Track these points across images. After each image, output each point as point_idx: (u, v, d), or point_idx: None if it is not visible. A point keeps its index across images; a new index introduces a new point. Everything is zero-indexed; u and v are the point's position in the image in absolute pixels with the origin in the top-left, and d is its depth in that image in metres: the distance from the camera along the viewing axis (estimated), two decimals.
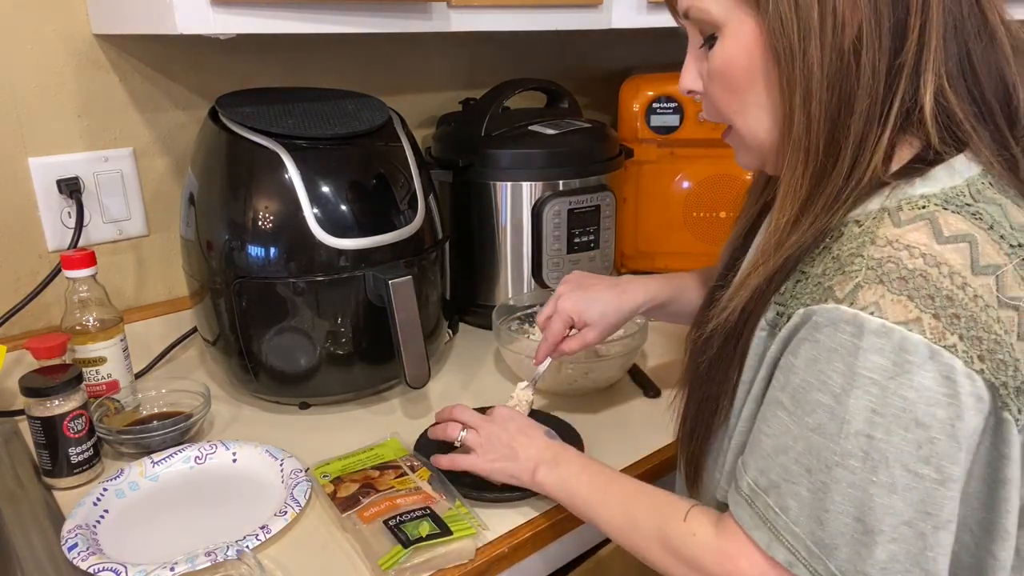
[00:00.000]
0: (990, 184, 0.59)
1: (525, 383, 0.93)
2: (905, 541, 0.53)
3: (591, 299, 0.91)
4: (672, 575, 0.65)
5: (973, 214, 0.56)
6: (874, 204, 0.59)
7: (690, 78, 0.67)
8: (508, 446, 0.79)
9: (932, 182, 0.58)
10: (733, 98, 0.63)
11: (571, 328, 0.93)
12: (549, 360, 0.93)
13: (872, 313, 0.52)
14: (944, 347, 0.51)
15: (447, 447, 0.84)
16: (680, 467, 0.76)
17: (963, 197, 0.57)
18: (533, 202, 1.21)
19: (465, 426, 0.83)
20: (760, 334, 0.63)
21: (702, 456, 0.70)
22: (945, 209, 0.56)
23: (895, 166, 0.60)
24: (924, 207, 0.57)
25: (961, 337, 0.51)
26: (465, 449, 0.82)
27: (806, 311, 0.56)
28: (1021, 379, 0.53)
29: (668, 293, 0.94)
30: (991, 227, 0.56)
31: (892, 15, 0.56)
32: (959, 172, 0.58)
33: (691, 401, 0.71)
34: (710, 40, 0.62)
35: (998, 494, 0.55)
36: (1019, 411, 0.53)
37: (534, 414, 0.92)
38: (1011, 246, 0.56)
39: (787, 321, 0.59)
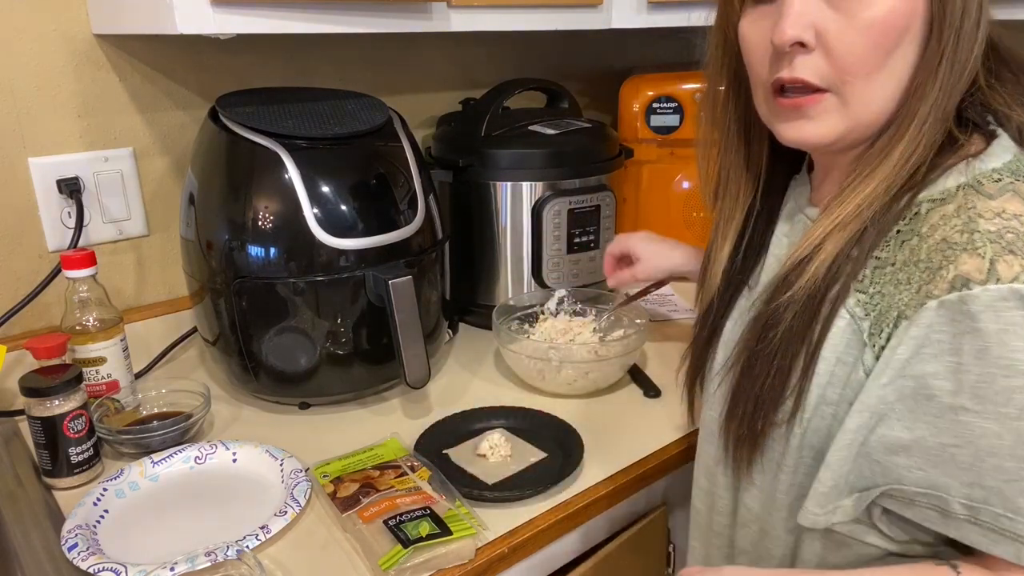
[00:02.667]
0: None
1: (498, 431, 0.93)
2: None
3: (648, 238, 1.10)
4: None
5: None
6: (950, 181, 0.58)
7: (802, 26, 0.58)
8: None
9: (994, 158, 0.59)
10: (876, 56, 0.58)
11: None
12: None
13: None
14: None
15: None
16: (717, 467, 0.72)
17: (1023, 168, 0.58)
18: (533, 202, 1.21)
19: None
20: (840, 323, 0.60)
21: (756, 442, 0.65)
22: (1018, 179, 0.57)
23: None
24: (999, 180, 0.57)
25: None
26: None
27: (941, 303, 0.54)
28: None
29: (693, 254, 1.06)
30: None
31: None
32: (1008, 148, 0.60)
33: (750, 378, 0.65)
34: None
35: None
36: None
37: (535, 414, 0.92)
38: None
39: (899, 318, 0.56)
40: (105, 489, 0.83)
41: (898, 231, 0.59)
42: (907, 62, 0.59)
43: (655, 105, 1.38)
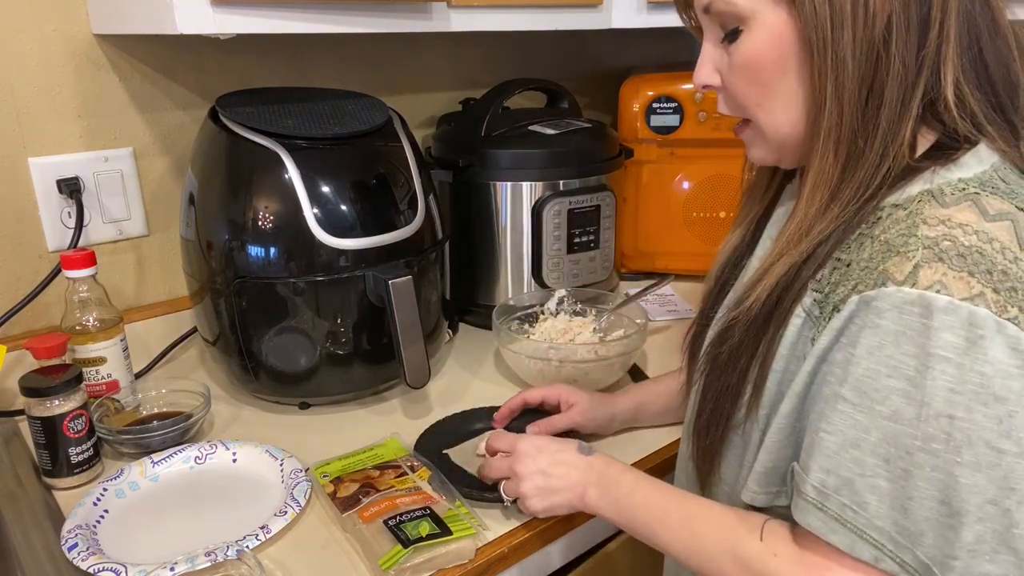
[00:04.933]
0: (1008, 171, 0.61)
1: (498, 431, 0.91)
2: (991, 520, 0.52)
3: (583, 388, 0.95)
4: None
5: (1008, 195, 0.58)
6: (914, 188, 0.59)
7: (706, 73, 0.66)
8: (546, 481, 0.74)
9: (965, 168, 0.59)
10: (758, 91, 0.63)
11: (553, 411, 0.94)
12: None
13: (938, 291, 0.52)
14: (1008, 319, 0.52)
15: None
16: (690, 462, 0.74)
17: (995, 181, 0.59)
18: (533, 202, 1.21)
19: (500, 479, 0.79)
20: (796, 321, 0.61)
21: (718, 451, 0.69)
22: (983, 192, 0.58)
23: (918, 154, 0.61)
24: (964, 189, 0.58)
25: (1021, 309, 0.52)
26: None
27: (862, 297, 0.56)
28: None
29: (642, 396, 0.96)
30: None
31: (918, 8, 0.57)
32: (984, 159, 0.60)
33: (708, 393, 0.69)
34: (732, 34, 0.62)
35: None
36: None
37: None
38: None
39: (834, 310, 0.58)
40: (105, 489, 0.83)
41: (860, 233, 0.60)
42: (797, 86, 0.61)
43: (655, 105, 1.38)
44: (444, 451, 0.91)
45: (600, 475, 0.73)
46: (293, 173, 0.92)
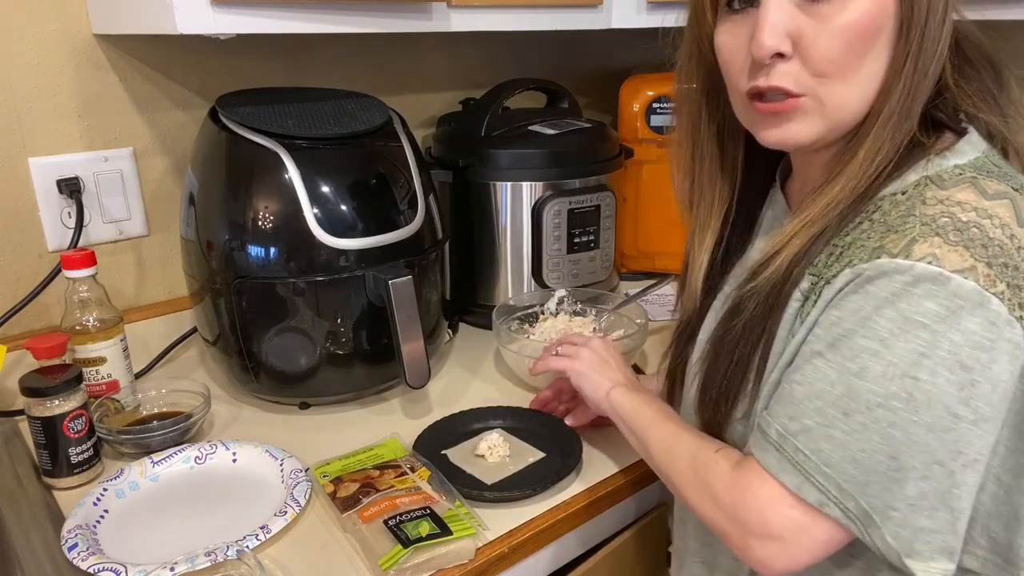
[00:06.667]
0: (997, 157, 0.62)
1: (497, 431, 0.94)
2: (935, 479, 0.55)
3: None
4: (691, 497, 0.67)
5: (1003, 177, 0.59)
6: (912, 176, 0.61)
7: (779, 36, 0.59)
8: (599, 362, 0.87)
9: (960, 155, 0.61)
10: (852, 59, 0.59)
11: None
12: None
13: (930, 263, 0.54)
14: (993, 294, 0.53)
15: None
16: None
17: (988, 165, 0.60)
18: (533, 202, 1.21)
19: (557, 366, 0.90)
20: (793, 304, 0.63)
21: (724, 425, 0.69)
22: (980, 175, 0.59)
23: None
24: (961, 174, 0.59)
25: (1008, 285, 0.54)
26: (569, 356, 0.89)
27: (854, 270, 0.57)
28: None
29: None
30: (1018, 189, 0.59)
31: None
32: (977, 146, 0.62)
33: (717, 367, 0.69)
34: None
35: None
36: None
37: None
38: None
39: (825, 284, 0.59)
40: (105, 489, 0.83)
41: (859, 222, 0.61)
42: (881, 62, 0.61)
43: (655, 105, 1.38)
44: (443, 451, 0.91)
45: (634, 385, 0.84)
46: (293, 173, 0.92)
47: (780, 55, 0.60)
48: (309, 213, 0.92)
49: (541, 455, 0.90)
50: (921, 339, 0.54)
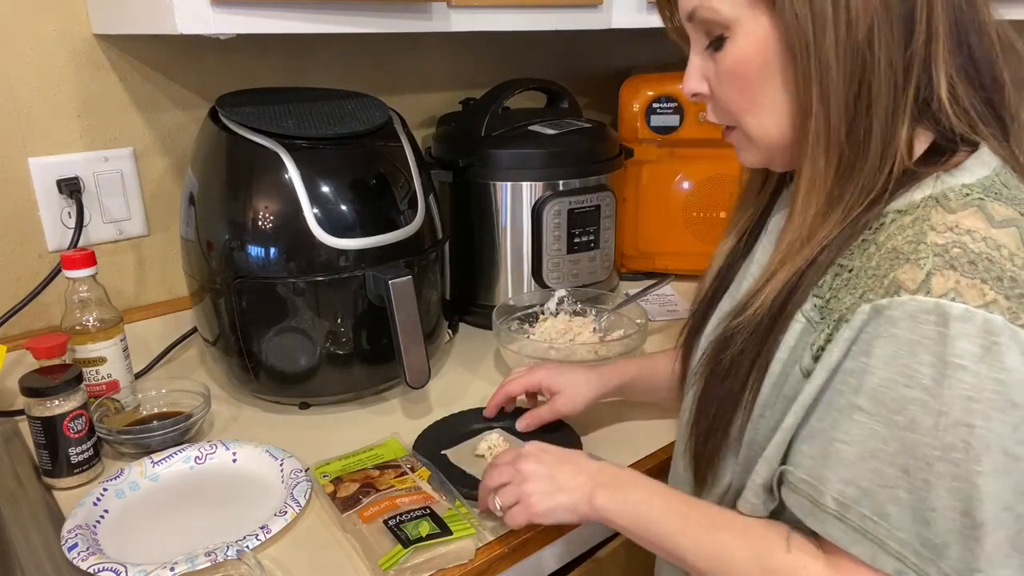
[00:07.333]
0: (1008, 176, 0.60)
1: (497, 431, 0.93)
2: (1004, 526, 0.52)
3: (564, 370, 0.94)
4: None
5: (1010, 201, 0.58)
6: (917, 194, 0.59)
7: (695, 81, 0.66)
8: (551, 481, 0.71)
9: (968, 173, 0.59)
10: (745, 97, 0.63)
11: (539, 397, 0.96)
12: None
13: (953, 299, 0.52)
14: (1020, 326, 0.52)
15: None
16: (686, 467, 0.73)
17: (997, 186, 0.59)
18: (533, 202, 1.21)
19: (497, 489, 0.74)
20: (795, 326, 0.61)
21: (716, 457, 0.68)
22: (987, 197, 0.57)
23: (916, 156, 0.61)
24: (968, 195, 0.58)
25: None
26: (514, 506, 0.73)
27: (873, 307, 0.55)
28: None
29: (634, 371, 0.95)
30: None
31: (901, 6, 0.57)
32: (987, 163, 0.60)
33: (708, 400, 0.68)
34: (717, 41, 0.62)
35: None
36: None
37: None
38: None
39: (841, 320, 0.57)
40: (105, 489, 0.83)
41: (863, 240, 0.60)
42: (780, 91, 0.61)
43: (655, 105, 1.38)
44: (443, 451, 0.91)
45: (613, 478, 0.71)
46: (293, 173, 0.92)
47: (703, 95, 0.67)
48: (309, 213, 0.92)
49: None
50: (966, 383, 0.52)
